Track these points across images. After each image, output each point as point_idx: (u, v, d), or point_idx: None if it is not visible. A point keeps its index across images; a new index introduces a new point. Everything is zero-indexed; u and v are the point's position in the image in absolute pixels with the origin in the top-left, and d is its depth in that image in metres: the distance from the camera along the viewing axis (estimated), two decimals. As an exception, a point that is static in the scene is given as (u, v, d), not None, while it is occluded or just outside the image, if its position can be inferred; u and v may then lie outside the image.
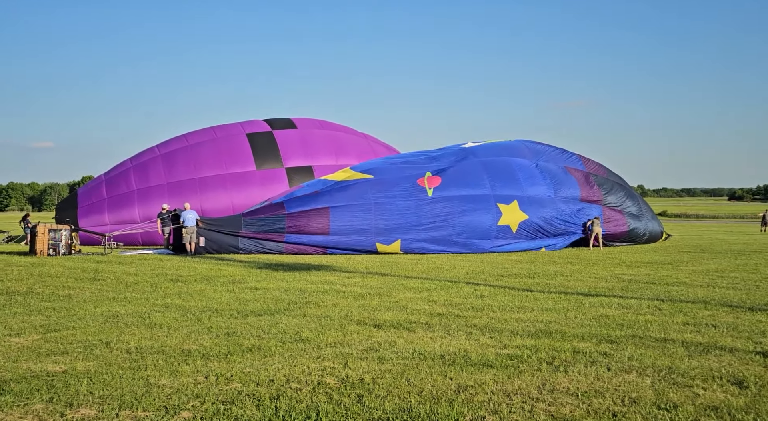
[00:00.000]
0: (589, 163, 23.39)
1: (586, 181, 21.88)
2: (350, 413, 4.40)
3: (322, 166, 23.92)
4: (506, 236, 19.50)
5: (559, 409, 4.48)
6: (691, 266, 15.20)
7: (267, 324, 7.63)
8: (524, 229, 19.62)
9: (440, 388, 4.97)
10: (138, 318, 8.07)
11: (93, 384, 5.08)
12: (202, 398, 4.72)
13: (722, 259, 17.50)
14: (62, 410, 4.47)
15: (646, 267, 14.98)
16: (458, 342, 6.63)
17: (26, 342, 6.64)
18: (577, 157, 23.20)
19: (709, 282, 12.06)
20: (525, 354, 6.04)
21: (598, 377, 5.29)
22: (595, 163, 23.75)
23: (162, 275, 12.94)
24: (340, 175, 20.50)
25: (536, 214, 19.84)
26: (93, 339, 6.77)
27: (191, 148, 24.15)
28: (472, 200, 19.39)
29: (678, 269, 14.64)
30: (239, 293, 10.46)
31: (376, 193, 19.14)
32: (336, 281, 12.06)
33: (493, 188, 19.79)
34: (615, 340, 6.74)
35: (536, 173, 20.91)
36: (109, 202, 23.11)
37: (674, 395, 4.81)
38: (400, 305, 9.11)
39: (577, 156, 23.33)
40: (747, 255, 18.93)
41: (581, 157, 23.39)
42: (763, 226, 42.18)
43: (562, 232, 20.46)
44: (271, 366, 5.62)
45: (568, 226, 20.54)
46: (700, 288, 11.18)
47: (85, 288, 11.02)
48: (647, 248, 22.11)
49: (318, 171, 23.51)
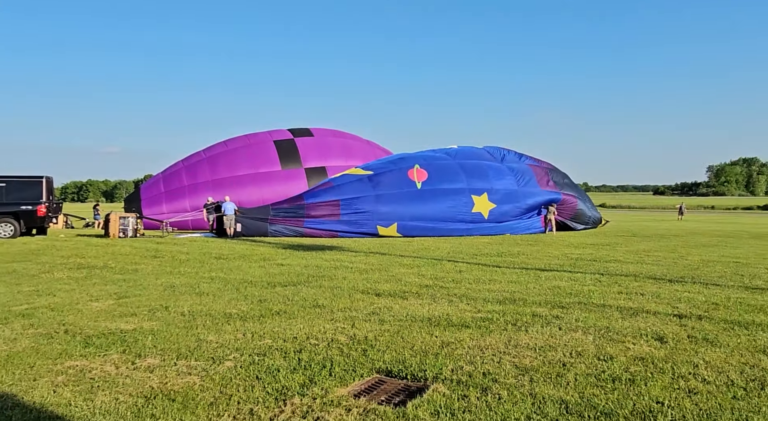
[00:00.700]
0: (542, 162, 23.56)
1: (543, 175, 22.08)
2: (357, 363, 4.43)
3: (334, 166, 23.86)
4: (480, 221, 19.61)
5: (521, 360, 4.51)
6: (624, 247, 15.23)
7: (291, 293, 7.65)
8: (494, 215, 19.76)
9: (428, 344, 5.00)
10: (189, 288, 8.09)
11: (156, 339, 5.10)
12: (241, 351, 4.75)
13: (648, 241, 17.54)
14: (133, 359, 4.50)
15: (589, 248, 15.01)
16: (442, 308, 6.65)
17: (104, 306, 6.67)
18: (533, 158, 23.41)
19: (638, 260, 12.07)
20: (494, 317, 6.06)
21: (552, 335, 5.32)
22: (546, 162, 23.91)
23: (208, 254, 12.94)
24: (348, 171, 20.79)
25: (503, 202, 19.98)
26: (155, 304, 6.79)
27: (230, 152, 24.07)
28: (452, 192, 19.59)
29: (614, 249, 14.67)
30: (269, 268, 10.47)
31: (376, 186, 19.31)
32: (345, 259, 12.08)
33: (468, 183, 19.95)
34: (565, 306, 6.77)
35: (504, 170, 21.04)
36: (165, 196, 23.05)
37: (611, 348, 4.84)
38: (395, 278, 9.12)
39: (533, 157, 23.50)
40: (667, 238, 18.96)
41: (535, 158, 23.60)
42: (680, 215, 42.25)
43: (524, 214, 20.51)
44: (294, 326, 5.65)
45: (528, 210, 20.61)
46: (631, 264, 11.21)
47: (148, 264, 11.02)
48: (590, 232, 22.14)
49: (330, 171, 23.48)
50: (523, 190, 20.68)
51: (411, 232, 18.86)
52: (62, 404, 3.57)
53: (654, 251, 14.29)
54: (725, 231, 24.14)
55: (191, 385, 3.92)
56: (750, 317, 6.11)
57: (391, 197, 19.01)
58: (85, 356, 4.58)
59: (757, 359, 4.58)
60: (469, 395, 3.74)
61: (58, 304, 6.77)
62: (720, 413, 3.45)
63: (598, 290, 7.98)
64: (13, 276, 9.20)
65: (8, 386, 3.89)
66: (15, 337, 5.18)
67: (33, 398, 3.68)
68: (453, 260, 11.92)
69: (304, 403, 3.61)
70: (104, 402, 3.61)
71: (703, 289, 8.09)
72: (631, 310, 6.51)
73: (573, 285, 8.39)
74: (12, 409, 3.49)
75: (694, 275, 9.57)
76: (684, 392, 3.82)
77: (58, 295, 7.42)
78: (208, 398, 3.69)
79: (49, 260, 11.45)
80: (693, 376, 4.14)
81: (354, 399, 3.68)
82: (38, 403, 3.59)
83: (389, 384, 4.01)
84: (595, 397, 3.70)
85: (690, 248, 15.27)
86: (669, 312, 6.39)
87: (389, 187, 19.26)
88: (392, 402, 3.65)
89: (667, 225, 30.23)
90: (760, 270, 10.40)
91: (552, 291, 7.85)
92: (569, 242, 17.14)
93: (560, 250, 14.34)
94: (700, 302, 7.05)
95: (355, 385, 3.97)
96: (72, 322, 5.79)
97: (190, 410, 3.50)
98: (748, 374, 4.19)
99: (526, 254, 13.12)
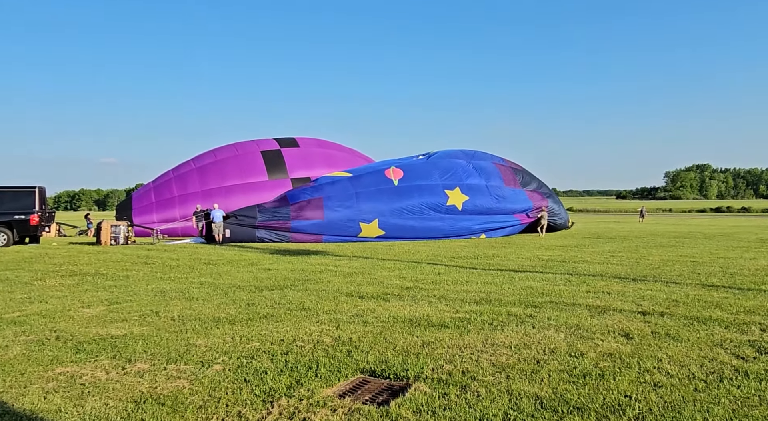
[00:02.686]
0: (509, 162, 23.83)
1: (509, 173, 22.41)
2: (342, 364, 4.36)
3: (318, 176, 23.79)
4: (454, 213, 19.71)
5: (498, 358, 4.50)
6: (591, 248, 15.42)
7: (278, 297, 7.54)
8: (467, 207, 19.89)
9: (409, 344, 4.95)
10: (179, 293, 7.91)
11: (146, 344, 4.96)
12: (229, 354, 4.64)
13: (612, 243, 17.80)
14: (123, 365, 4.36)
15: (558, 249, 15.16)
16: (422, 309, 6.61)
17: (95, 312, 6.47)
18: (501, 158, 23.68)
19: (604, 260, 12.21)
20: (472, 317, 6.04)
21: (526, 333, 5.32)
22: (514, 163, 24.16)
23: (197, 259, 12.72)
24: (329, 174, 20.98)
25: (474, 196, 20.19)
26: (146, 309, 6.62)
27: (219, 162, 23.77)
28: (427, 187, 19.77)
29: (582, 250, 14.84)
30: (256, 272, 10.32)
31: (356, 185, 19.40)
32: (329, 263, 11.98)
33: (441, 180, 20.16)
34: (538, 305, 6.78)
35: (471, 169, 21.31)
36: (156, 205, 22.65)
37: (581, 345, 4.86)
38: (378, 281, 9.06)
39: (501, 157, 23.77)
40: (630, 240, 19.27)
41: (504, 158, 23.87)
42: (641, 217, 43.08)
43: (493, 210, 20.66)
44: (281, 329, 5.55)
45: (498, 204, 20.80)
46: (598, 265, 11.33)
47: (139, 270, 10.77)
48: (558, 234, 22.39)
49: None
50: (489, 186, 20.96)
51: (392, 226, 18.86)
52: (52, 411, 3.43)
53: (618, 251, 14.49)
54: (682, 232, 24.66)
55: (181, 389, 3.81)
56: (707, 313, 6.21)
57: (371, 194, 19.16)
58: (76, 362, 4.42)
59: (716, 352, 4.65)
60: (449, 393, 3.70)
61: (50, 311, 6.55)
62: (683, 405, 3.47)
63: (568, 289, 8.02)
64: (5, 284, 8.89)
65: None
66: (7, 344, 4.99)
67: (23, 405, 3.53)
68: (432, 262, 11.90)
69: (291, 404, 3.53)
70: (94, 408, 3.48)
71: (664, 287, 8.21)
72: (599, 308, 6.56)
73: (545, 285, 8.42)
74: (2, 416, 3.34)
75: (655, 274, 9.71)
76: (650, 385, 3.84)
77: (50, 302, 7.19)
78: (197, 401, 3.59)
79: (41, 268, 11.11)
80: (657, 370, 4.17)
81: (339, 399, 3.61)
82: (29, 410, 3.45)
83: (373, 384, 3.95)
84: (567, 392, 3.69)
85: (650, 248, 15.53)
86: (634, 309, 6.45)
87: (368, 185, 19.43)
88: (376, 401, 3.59)
89: (629, 227, 30.77)
90: (715, 268, 10.61)
91: (525, 291, 7.87)
92: (540, 244, 17.30)
93: (532, 252, 14.45)
94: (661, 299, 7.14)
95: (340, 385, 3.90)
96: (63, 328, 5.60)
97: (180, 413, 3.39)
98: (707, 367, 4.24)
99: (500, 257, 13.18)
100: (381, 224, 18.83)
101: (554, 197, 24.32)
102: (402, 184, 19.61)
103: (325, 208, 18.61)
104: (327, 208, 18.61)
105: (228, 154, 24.36)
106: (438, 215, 19.47)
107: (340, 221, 18.59)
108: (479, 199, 20.28)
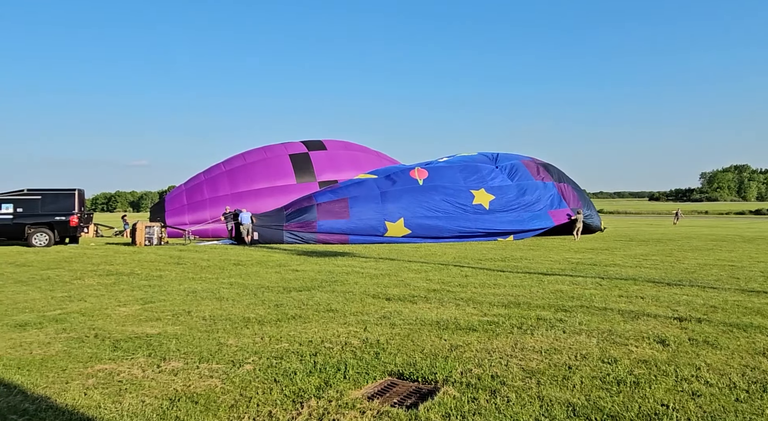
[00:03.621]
0: (534, 158, 23.46)
1: (537, 167, 22.06)
2: (370, 366, 4.36)
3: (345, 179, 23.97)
4: (482, 212, 19.51)
5: (528, 363, 4.42)
6: (622, 251, 15.04)
7: (305, 298, 7.60)
8: (494, 206, 19.67)
9: (437, 347, 4.92)
10: (210, 293, 8.07)
11: (179, 343, 5.08)
12: (259, 354, 4.70)
13: (645, 246, 17.32)
14: (158, 363, 4.47)
15: (588, 252, 14.84)
16: (449, 311, 6.56)
17: (130, 311, 6.66)
18: (524, 156, 23.38)
19: (637, 264, 11.89)
20: (500, 321, 5.97)
21: (557, 338, 5.22)
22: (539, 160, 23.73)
23: (227, 260, 12.95)
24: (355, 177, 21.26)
25: (501, 194, 19.96)
26: (178, 309, 6.77)
27: (248, 166, 24.19)
28: (452, 187, 19.72)
29: (613, 253, 14.49)
30: (284, 274, 10.44)
31: (381, 185, 19.48)
32: (356, 264, 12.02)
33: (466, 182, 20.04)
34: (568, 309, 6.65)
35: (496, 170, 21.16)
36: (188, 207, 23.21)
37: (614, 351, 4.74)
38: (404, 283, 9.04)
39: (524, 155, 23.44)
40: (664, 243, 18.71)
41: (527, 156, 23.53)
42: (676, 219, 41.78)
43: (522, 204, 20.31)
44: (309, 330, 5.60)
45: (527, 197, 20.39)
46: (630, 268, 11.04)
47: (171, 270, 11.04)
48: (589, 237, 21.91)
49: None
50: (517, 184, 20.64)
51: (418, 225, 18.81)
52: (92, 406, 3.55)
53: (651, 254, 14.08)
54: (719, 235, 23.78)
55: (213, 387, 3.88)
56: (748, 320, 5.97)
57: (396, 193, 19.21)
58: (114, 360, 4.56)
59: (758, 361, 4.46)
60: (478, 397, 3.66)
61: (88, 309, 6.78)
62: (724, 416, 3.34)
63: (600, 293, 7.84)
64: (47, 282, 9.25)
65: (42, 389, 3.87)
66: (49, 341, 5.19)
67: (65, 400, 3.66)
68: (459, 265, 11.81)
69: (320, 405, 3.55)
70: (131, 404, 3.58)
71: (701, 292, 7.93)
72: (632, 313, 6.38)
73: (575, 289, 8.26)
74: (46, 411, 3.47)
75: (691, 279, 9.40)
76: (688, 394, 3.71)
77: (88, 300, 7.44)
78: (228, 400, 3.65)
79: (80, 268, 11.52)
80: (696, 378, 4.03)
81: (368, 401, 3.62)
82: (70, 405, 3.57)
83: (401, 386, 3.94)
84: (601, 399, 3.60)
85: (686, 251, 15.04)
86: (669, 315, 6.26)
87: (393, 185, 19.49)
88: (404, 404, 3.58)
89: (662, 230, 29.87)
90: (755, 273, 10.19)
91: (555, 295, 7.73)
92: (569, 246, 16.96)
93: (561, 254, 14.18)
94: (698, 305, 6.90)
95: (369, 387, 3.91)
96: (101, 326, 5.79)
97: (212, 412, 3.45)
98: (749, 377, 4.07)
99: (528, 259, 12.98)
100: (407, 222, 18.81)
101: (584, 196, 23.79)
102: (427, 184, 19.57)
103: (350, 208, 18.74)
104: (353, 209, 18.73)
105: (257, 157, 24.79)
106: (464, 213, 19.33)
107: (366, 221, 18.66)
108: (507, 194, 20.01)
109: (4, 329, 5.68)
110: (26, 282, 9.33)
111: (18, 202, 17.64)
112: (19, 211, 17.58)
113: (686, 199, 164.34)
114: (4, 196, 17.63)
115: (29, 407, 3.51)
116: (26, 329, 5.70)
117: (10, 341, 5.19)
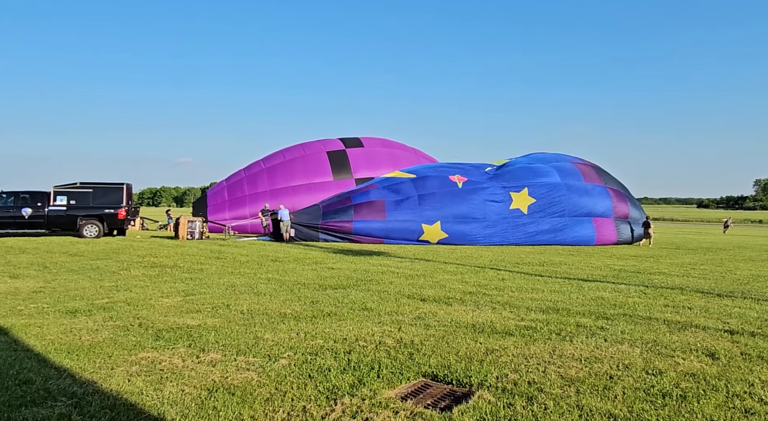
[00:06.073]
0: (587, 161, 22.72)
1: (590, 170, 21.35)
2: (404, 366, 4.34)
3: (382, 176, 24.06)
4: (519, 216, 19.10)
5: (567, 370, 4.29)
6: (668, 260, 14.42)
7: (341, 296, 7.65)
8: (532, 210, 19.17)
9: (472, 350, 4.85)
10: (248, 288, 8.24)
11: (218, 335, 5.20)
12: (294, 350, 4.75)
13: (693, 254, 16.54)
14: (197, 353, 4.59)
15: (632, 260, 14.30)
16: (485, 315, 6.46)
17: (173, 302, 6.88)
18: (577, 157, 22.67)
19: (684, 273, 11.38)
20: (538, 326, 5.83)
21: (597, 346, 5.04)
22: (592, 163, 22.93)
23: (265, 256, 13.19)
24: (391, 174, 20.95)
25: (545, 196, 19.32)
26: (218, 302, 6.94)
27: (287, 163, 24.61)
28: (492, 190, 19.35)
29: (658, 261, 13.91)
30: (320, 271, 10.55)
31: (419, 188, 19.32)
32: (391, 264, 12.01)
33: (507, 183, 19.60)
34: (609, 317, 6.41)
35: (549, 168, 20.55)
36: (229, 203, 23.83)
37: (659, 363, 4.53)
38: (440, 284, 8.97)
39: (576, 157, 22.75)
40: (714, 252, 17.82)
41: (579, 158, 22.81)
42: (725, 228, 39.74)
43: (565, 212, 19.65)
44: (344, 328, 5.62)
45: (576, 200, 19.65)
46: (677, 277, 10.57)
47: (212, 264, 11.35)
48: (632, 245, 21.12)
49: (379, 181, 23.66)
50: (566, 183, 19.89)
51: (454, 230, 18.61)
52: (135, 393, 3.67)
53: (700, 264, 13.44)
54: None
55: (249, 380, 3.95)
56: (808, 336, 5.59)
57: (434, 196, 19.03)
58: (156, 349, 4.72)
59: (819, 380, 4.16)
60: (514, 403, 3.57)
61: (133, 299, 7.05)
62: (780, 437, 3.13)
63: (644, 302, 7.54)
64: (96, 272, 9.69)
65: (89, 374, 4.04)
66: (97, 328, 5.42)
67: (110, 385, 3.81)
68: (495, 268, 11.62)
69: (354, 403, 3.55)
70: (172, 393, 3.68)
71: (755, 304, 7.50)
72: (679, 324, 6.10)
73: (617, 296, 7.97)
74: (92, 395, 3.61)
75: (744, 290, 8.90)
76: (740, 411, 3.50)
77: (134, 291, 7.74)
78: (264, 393, 3.70)
79: (127, 259, 12.01)
80: (749, 395, 3.80)
81: (401, 402, 3.59)
82: (114, 391, 3.71)
83: (435, 388, 3.90)
84: (644, 412, 3.45)
85: (737, 262, 14.26)
86: (719, 327, 5.94)
87: (431, 188, 19.29)
88: (438, 407, 3.54)
89: (712, 238, 28.45)
90: (816, 287, 9.55)
91: (595, 302, 7.48)
92: (611, 253, 16.40)
93: (602, 261, 13.73)
94: (752, 318, 6.52)
95: (402, 388, 3.88)
96: (145, 316, 6.00)
97: (248, 404, 3.51)
98: (809, 396, 3.80)
99: (567, 264, 12.63)
100: (443, 227, 18.65)
101: (634, 201, 22.78)
102: (466, 188, 19.34)
103: (387, 210, 18.73)
104: (389, 210, 18.71)
105: (295, 154, 25.17)
106: (503, 219, 18.97)
107: (403, 223, 18.61)
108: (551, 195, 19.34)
109: (56, 315, 5.98)
110: (77, 271, 9.79)
111: (71, 195, 18.57)
112: (72, 203, 18.51)
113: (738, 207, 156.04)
114: (60, 188, 18.60)
115: (77, 391, 3.67)
116: (76, 315, 5.98)
117: (62, 326, 5.45)
